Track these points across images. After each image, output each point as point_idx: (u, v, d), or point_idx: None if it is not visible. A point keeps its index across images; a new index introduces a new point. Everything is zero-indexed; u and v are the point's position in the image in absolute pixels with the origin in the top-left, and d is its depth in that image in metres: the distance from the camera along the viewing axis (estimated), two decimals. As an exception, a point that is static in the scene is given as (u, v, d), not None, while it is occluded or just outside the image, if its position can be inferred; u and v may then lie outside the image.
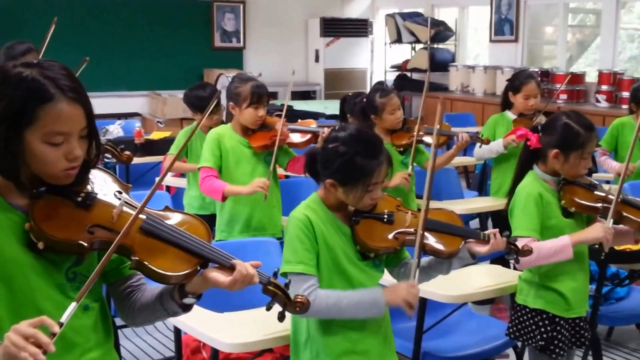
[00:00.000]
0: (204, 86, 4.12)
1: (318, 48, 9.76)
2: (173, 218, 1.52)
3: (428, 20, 8.71)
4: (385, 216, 1.88)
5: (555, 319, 2.27)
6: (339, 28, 9.69)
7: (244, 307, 2.14)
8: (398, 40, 9.15)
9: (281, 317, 1.52)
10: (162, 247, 1.44)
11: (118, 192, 1.52)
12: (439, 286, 2.33)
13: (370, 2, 10.27)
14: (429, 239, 1.88)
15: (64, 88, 1.36)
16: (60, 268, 1.42)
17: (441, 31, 8.73)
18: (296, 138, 3.34)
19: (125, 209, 1.46)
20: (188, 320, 2.08)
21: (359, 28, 9.79)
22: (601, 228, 2.23)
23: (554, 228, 2.24)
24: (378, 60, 10.00)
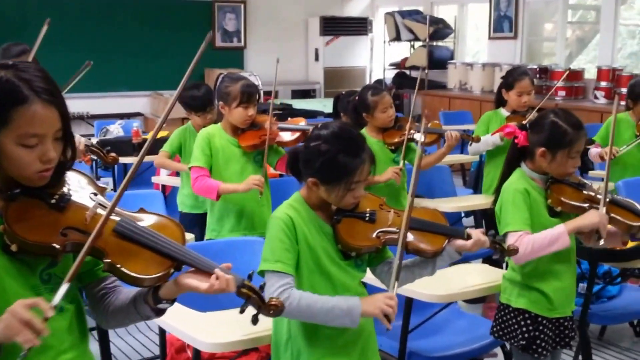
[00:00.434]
0: (198, 86, 4.12)
1: (318, 47, 9.77)
2: (147, 220, 1.52)
3: (427, 18, 8.70)
4: (367, 215, 1.86)
5: (538, 319, 2.25)
6: (339, 27, 9.70)
7: (227, 307, 2.12)
8: (397, 38, 9.15)
9: (254, 320, 1.51)
10: (135, 250, 1.44)
11: (93, 194, 1.52)
12: (425, 286, 2.32)
13: (369, 1, 10.25)
14: (412, 238, 1.86)
15: (39, 90, 1.36)
16: (34, 270, 1.42)
17: (440, 29, 8.71)
18: (286, 136, 3.33)
19: (99, 211, 1.46)
20: (170, 319, 2.07)
21: (359, 26, 9.79)
22: (596, 214, 2.18)
23: (539, 227, 2.20)
24: (378, 58, 9.99)
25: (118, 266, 1.40)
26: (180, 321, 2.06)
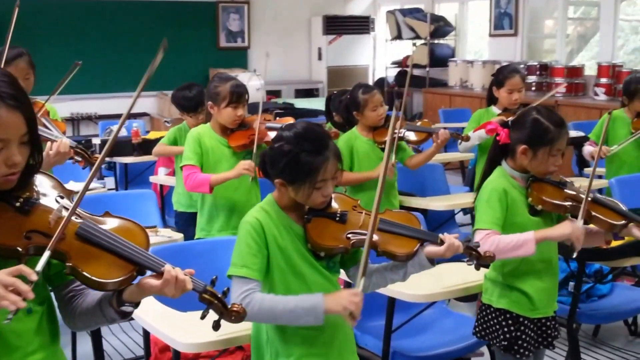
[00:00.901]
0: (191, 87, 4.16)
1: (321, 46, 9.78)
2: (111, 223, 1.53)
3: (427, 16, 8.68)
4: (337, 215, 1.85)
5: (519, 319, 2.23)
6: (341, 26, 9.71)
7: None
8: (398, 36, 9.14)
9: (216, 326, 1.51)
10: (97, 254, 1.44)
11: (59, 197, 1.53)
12: (408, 285, 2.31)
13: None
14: (383, 240, 1.84)
15: (4, 95, 1.38)
16: (0, 272, 1.44)
17: (441, 26, 8.70)
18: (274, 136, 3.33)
19: (64, 214, 1.47)
20: (149, 318, 2.09)
21: (361, 25, 9.80)
22: (569, 225, 2.16)
23: (519, 226, 2.18)
24: (380, 56, 9.98)
25: (79, 270, 1.41)
26: (159, 321, 2.07)
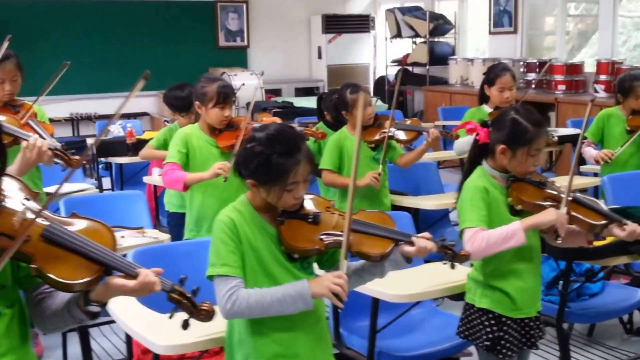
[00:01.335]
0: (183, 86, 4.15)
1: (321, 45, 9.77)
2: (77, 225, 1.53)
3: (426, 14, 8.65)
4: (310, 217, 1.84)
5: (501, 319, 2.22)
6: (341, 24, 9.69)
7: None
8: (398, 35, 9.11)
9: (185, 326, 1.51)
10: (63, 255, 1.44)
11: (25, 199, 1.53)
12: (390, 285, 2.31)
13: (371, -2, 10.23)
14: (356, 241, 1.83)
15: None
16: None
17: (440, 24, 8.67)
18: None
19: (29, 216, 1.47)
20: (128, 319, 2.09)
21: (361, 24, 9.78)
22: (553, 212, 2.14)
23: (499, 225, 2.16)
24: (381, 55, 9.96)
25: (45, 272, 1.41)
26: (139, 323, 2.07)
